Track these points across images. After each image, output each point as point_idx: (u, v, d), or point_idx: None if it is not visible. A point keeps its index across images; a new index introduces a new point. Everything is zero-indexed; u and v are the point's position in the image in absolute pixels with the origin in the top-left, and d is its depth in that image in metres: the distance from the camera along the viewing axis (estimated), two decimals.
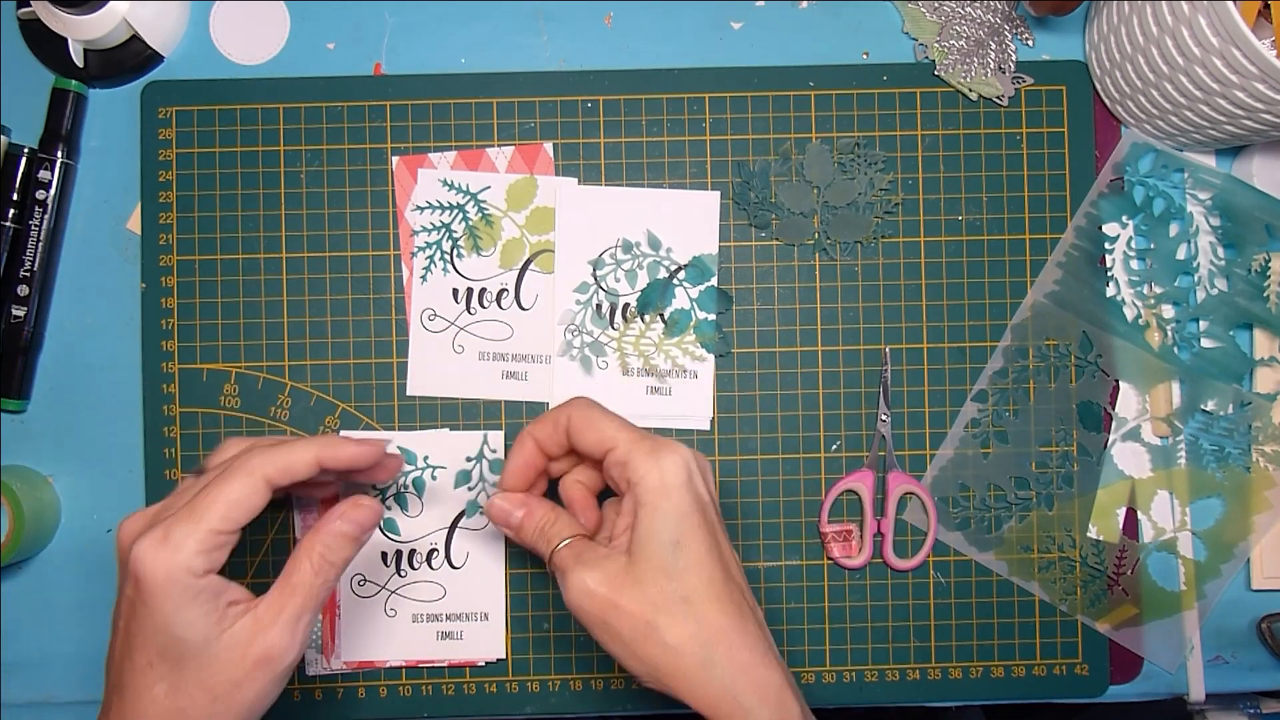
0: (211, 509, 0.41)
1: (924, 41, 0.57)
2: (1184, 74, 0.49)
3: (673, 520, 0.43)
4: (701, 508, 0.43)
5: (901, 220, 0.57)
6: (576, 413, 0.46)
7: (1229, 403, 0.55)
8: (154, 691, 0.41)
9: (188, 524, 0.41)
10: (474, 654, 0.55)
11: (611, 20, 0.58)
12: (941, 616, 0.56)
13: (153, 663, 0.40)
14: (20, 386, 0.56)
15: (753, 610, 0.44)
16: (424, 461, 0.56)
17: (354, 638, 0.55)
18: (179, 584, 0.40)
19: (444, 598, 0.55)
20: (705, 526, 0.43)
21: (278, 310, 0.56)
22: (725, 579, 0.43)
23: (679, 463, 0.43)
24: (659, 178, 0.57)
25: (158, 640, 0.40)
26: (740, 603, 0.43)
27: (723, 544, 0.44)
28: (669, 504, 0.43)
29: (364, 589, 0.55)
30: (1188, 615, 0.56)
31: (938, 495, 0.56)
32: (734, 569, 0.44)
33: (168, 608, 0.40)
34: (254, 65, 0.57)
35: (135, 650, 0.41)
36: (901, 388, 0.57)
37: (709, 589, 0.42)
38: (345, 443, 0.45)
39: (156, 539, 0.40)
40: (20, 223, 0.56)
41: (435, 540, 0.55)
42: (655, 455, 0.43)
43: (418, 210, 0.56)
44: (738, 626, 0.43)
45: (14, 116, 0.57)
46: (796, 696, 0.43)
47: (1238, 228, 0.55)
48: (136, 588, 0.40)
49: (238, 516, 0.42)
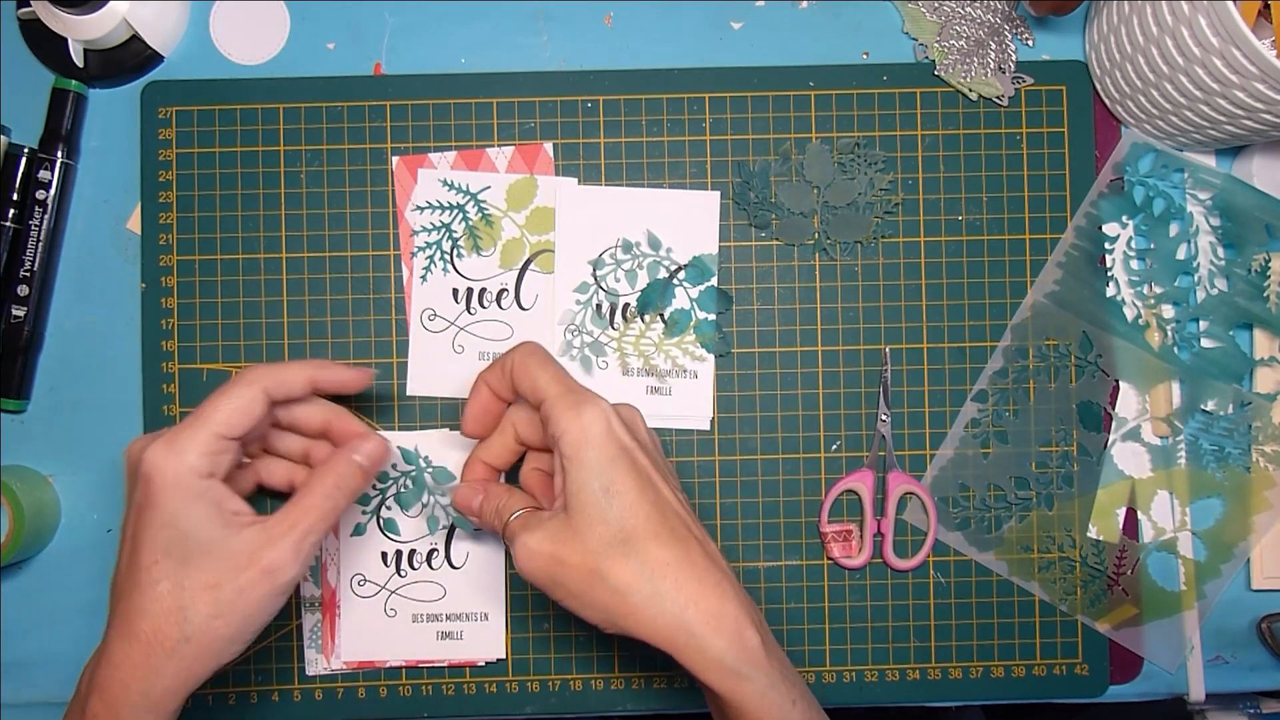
0: (214, 415, 0.44)
1: (924, 41, 0.57)
2: (1184, 74, 0.49)
3: (597, 469, 0.43)
4: (626, 452, 0.44)
5: (901, 220, 0.57)
6: (518, 358, 0.47)
7: (1229, 403, 0.55)
8: (158, 588, 0.42)
9: (192, 429, 0.44)
10: (474, 654, 0.55)
11: (611, 20, 0.58)
12: (941, 616, 0.56)
13: (158, 560, 0.42)
14: (20, 386, 0.56)
15: (700, 542, 0.44)
16: (424, 461, 0.56)
17: (354, 637, 0.55)
18: (185, 482, 0.43)
19: (444, 598, 0.55)
20: (634, 469, 0.44)
21: (278, 310, 0.56)
22: (663, 515, 0.44)
23: (597, 414, 0.44)
24: (659, 178, 0.57)
25: (164, 536, 0.42)
26: (685, 536, 0.44)
27: (659, 484, 0.45)
28: (592, 454, 0.43)
29: (364, 589, 0.55)
30: (1188, 615, 0.56)
31: (938, 495, 0.56)
32: (674, 505, 0.45)
33: (175, 504, 0.42)
34: (254, 65, 0.57)
35: (142, 550, 0.43)
36: (901, 388, 0.57)
37: (647, 526, 0.43)
38: (336, 366, 0.49)
39: (164, 442, 0.43)
40: (20, 223, 0.56)
41: (435, 540, 0.55)
42: (576, 409, 0.44)
43: (418, 210, 0.56)
44: (683, 558, 0.43)
45: (14, 116, 0.57)
46: (758, 627, 0.43)
47: (1238, 228, 0.55)
48: (146, 488, 0.43)
49: (238, 422, 0.45)
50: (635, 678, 0.56)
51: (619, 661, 0.56)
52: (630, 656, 0.56)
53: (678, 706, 0.56)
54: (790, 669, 0.45)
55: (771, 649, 0.44)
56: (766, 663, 0.43)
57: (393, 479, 0.55)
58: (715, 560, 0.44)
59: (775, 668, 0.43)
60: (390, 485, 0.55)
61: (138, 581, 0.42)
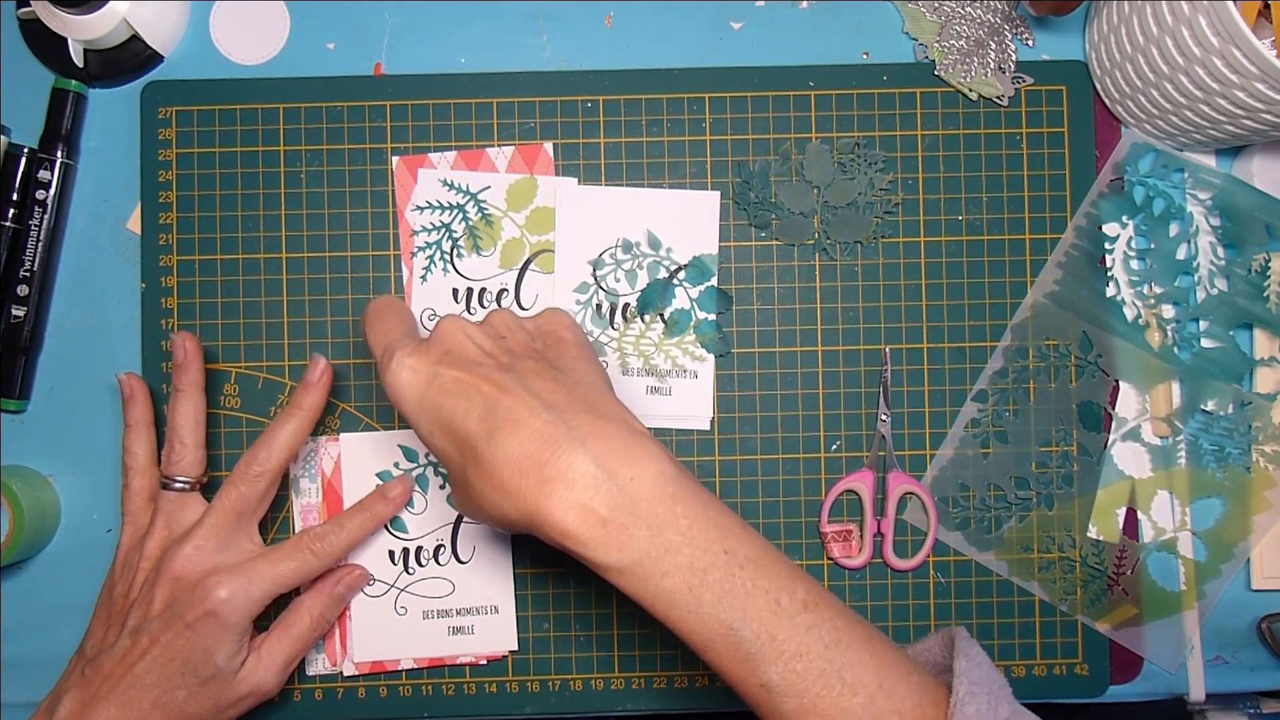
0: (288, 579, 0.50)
1: (924, 41, 0.57)
2: (1184, 74, 0.49)
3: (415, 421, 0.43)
4: (429, 396, 0.42)
5: (901, 220, 0.57)
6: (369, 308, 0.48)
7: (1229, 403, 0.55)
8: (175, 695, 0.47)
9: (268, 573, 0.49)
10: (486, 648, 0.55)
11: (611, 20, 0.58)
12: (941, 616, 0.56)
13: (185, 675, 0.47)
14: (20, 386, 0.56)
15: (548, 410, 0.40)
16: (424, 458, 0.56)
17: (366, 638, 0.55)
18: (243, 623, 0.48)
19: (453, 593, 0.55)
20: (442, 402, 0.41)
21: (278, 310, 0.56)
22: (491, 414, 0.40)
23: (393, 379, 0.43)
24: (659, 178, 0.57)
25: (198, 660, 0.47)
26: (520, 418, 0.40)
27: (478, 385, 0.41)
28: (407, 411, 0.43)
29: (373, 588, 0.55)
30: (1188, 615, 0.56)
31: (938, 495, 0.56)
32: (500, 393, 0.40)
33: (227, 640, 0.48)
34: (254, 65, 0.57)
35: (174, 660, 0.47)
36: (901, 388, 0.57)
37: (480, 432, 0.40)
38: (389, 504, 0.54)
39: (243, 582, 0.48)
40: (20, 223, 0.56)
41: (441, 536, 0.55)
42: (384, 374, 0.43)
43: (418, 210, 0.56)
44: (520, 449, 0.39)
45: (14, 116, 0.57)
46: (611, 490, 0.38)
47: (1238, 228, 0.55)
48: (208, 619, 0.47)
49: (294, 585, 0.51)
50: (635, 678, 0.56)
51: (619, 661, 0.56)
52: (630, 656, 0.56)
53: (678, 706, 0.56)
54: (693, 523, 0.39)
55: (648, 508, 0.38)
56: (623, 534, 0.38)
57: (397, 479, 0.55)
58: (564, 420, 0.39)
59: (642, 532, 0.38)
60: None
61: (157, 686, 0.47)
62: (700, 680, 0.56)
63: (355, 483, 0.55)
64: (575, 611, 0.56)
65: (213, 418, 0.56)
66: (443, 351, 0.43)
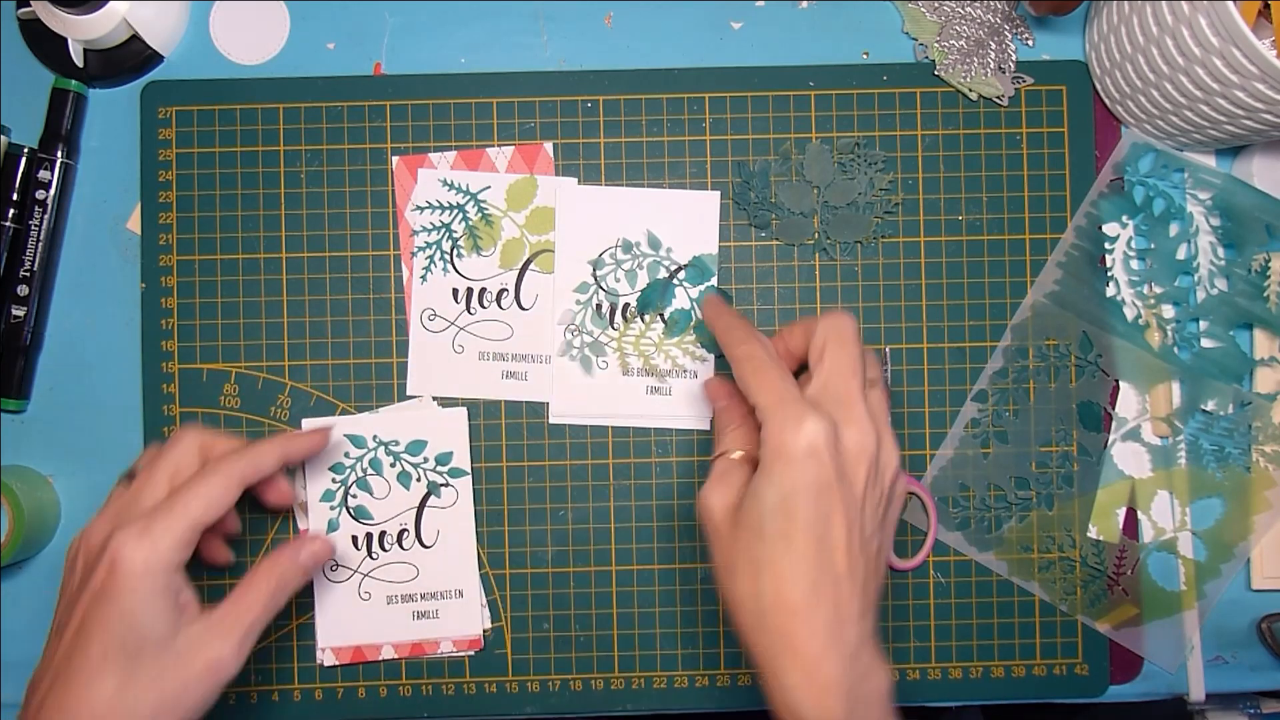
0: (191, 506, 0.44)
1: (924, 41, 0.57)
2: (1184, 74, 0.49)
3: (778, 489, 0.40)
4: (823, 485, 0.40)
5: (901, 220, 0.57)
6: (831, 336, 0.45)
7: (1229, 403, 0.55)
8: (104, 685, 0.41)
9: (168, 519, 0.43)
10: (452, 632, 0.55)
11: (611, 20, 0.58)
12: (941, 616, 0.56)
13: (108, 655, 0.41)
14: (20, 386, 0.56)
15: (840, 605, 0.40)
16: (374, 440, 0.55)
17: (330, 623, 0.55)
18: (154, 575, 0.42)
19: (417, 577, 0.55)
20: (817, 506, 0.40)
21: (278, 310, 0.56)
22: (820, 565, 0.40)
23: (811, 431, 0.40)
24: (659, 178, 0.57)
25: (120, 630, 0.42)
26: (832, 596, 0.40)
27: (839, 532, 0.40)
28: (780, 469, 0.41)
29: (336, 574, 0.55)
30: (1188, 615, 0.56)
31: (938, 495, 0.56)
32: (846, 562, 0.41)
33: (140, 597, 0.42)
34: (254, 65, 0.57)
35: (91, 641, 0.42)
36: (901, 388, 0.57)
37: (786, 560, 0.40)
38: (301, 436, 0.50)
39: (137, 531, 0.43)
40: (20, 223, 0.56)
41: (405, 520, 0.55)
42: (798, 419, 0.40)
43: (418, 210, 0.56)
44: (805, 610, 0.40)
45: (14, 116, 0.57)
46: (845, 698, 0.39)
47: (1238, 228, 0.55)
48: (110, 578, 0.42)
49: (214, 513, 0.45)
50: (635, 678, 0.56)
51: (619, 661, 0.56)
52: (630, 656, 0.56)
53: (678, 706, 0.56)
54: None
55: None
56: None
57: (348, 468, 0.55)
58: (853, 624, 0.41)
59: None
60: (349, 474, 0.55)
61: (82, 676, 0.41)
62: (700, 680, 0.56)
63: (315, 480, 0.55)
64: (575, 611, 0.56)
65: (212, 418, 0.56)
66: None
